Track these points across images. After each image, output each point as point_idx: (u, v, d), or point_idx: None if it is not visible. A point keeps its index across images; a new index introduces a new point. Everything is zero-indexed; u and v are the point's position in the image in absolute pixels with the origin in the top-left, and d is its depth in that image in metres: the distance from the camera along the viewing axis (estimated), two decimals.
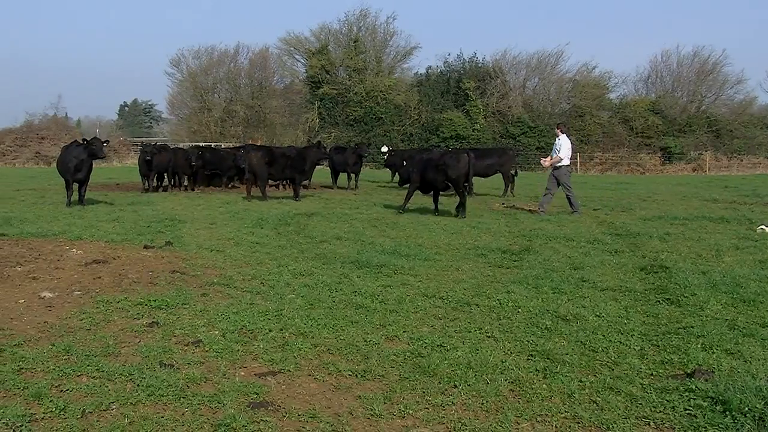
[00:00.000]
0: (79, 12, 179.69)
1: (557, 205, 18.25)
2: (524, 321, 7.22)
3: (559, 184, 17.76)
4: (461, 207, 16.76)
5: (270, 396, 5.12)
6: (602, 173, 50.07)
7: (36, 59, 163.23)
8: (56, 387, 5.15)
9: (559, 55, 57.65)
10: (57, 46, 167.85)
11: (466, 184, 16.75)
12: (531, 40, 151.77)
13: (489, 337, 6.69)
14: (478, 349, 6.22)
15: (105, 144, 17.96)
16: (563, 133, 17.94)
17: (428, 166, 17.31)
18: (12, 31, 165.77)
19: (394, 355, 6.08)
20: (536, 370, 5.74)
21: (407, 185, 18.34)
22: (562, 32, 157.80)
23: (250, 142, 40.78)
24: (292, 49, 60.90)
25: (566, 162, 17.73)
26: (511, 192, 24.87)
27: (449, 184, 17.06)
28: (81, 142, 18.18)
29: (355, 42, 57.77)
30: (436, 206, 17.84)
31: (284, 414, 4.83)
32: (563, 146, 17.66)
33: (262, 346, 6.24)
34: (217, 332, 6.63)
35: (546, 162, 18.29)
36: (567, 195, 17.84)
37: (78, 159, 17.52)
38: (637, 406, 5.02)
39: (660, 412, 4.93)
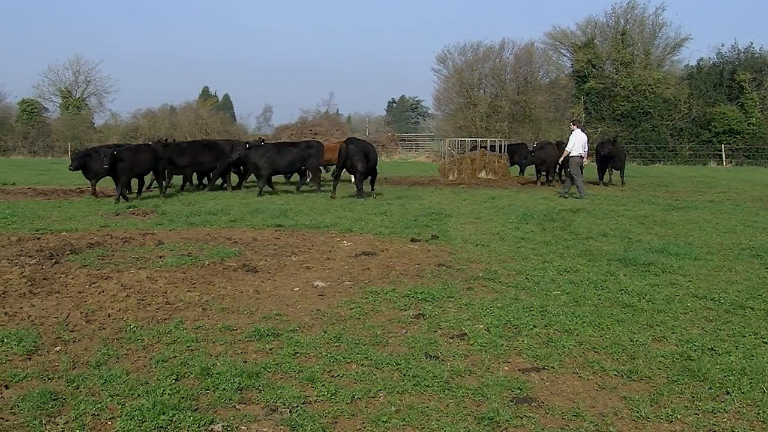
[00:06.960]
0: (352, 14, 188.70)
1: None
2: None
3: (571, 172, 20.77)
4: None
5: (533, 392, 5.05)
6: None
7: (311, 60, 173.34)
8: (328, 372, 5.40)
9: None
10: (330, 46, 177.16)
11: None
12: None
13: (765, 342, 6.21)
14: (753, 355, 5.81)
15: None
16: (577, 128, 21.19)
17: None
18: (287, 35, 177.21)
19: (662, 356, 5.83)
20: None
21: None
22: None
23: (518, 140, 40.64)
24: (557, 43, 60.16)
25: (574, 153, 20.66)
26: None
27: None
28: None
29: (622, 35, 55.95)
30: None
31: (548, 411, 4.75)
32: (574, 140, 20.75)
33: (526, 342, 6.18)
34: (481, 326, 6.64)
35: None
36: (574, 182, 20.58)
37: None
38: None
39: None
